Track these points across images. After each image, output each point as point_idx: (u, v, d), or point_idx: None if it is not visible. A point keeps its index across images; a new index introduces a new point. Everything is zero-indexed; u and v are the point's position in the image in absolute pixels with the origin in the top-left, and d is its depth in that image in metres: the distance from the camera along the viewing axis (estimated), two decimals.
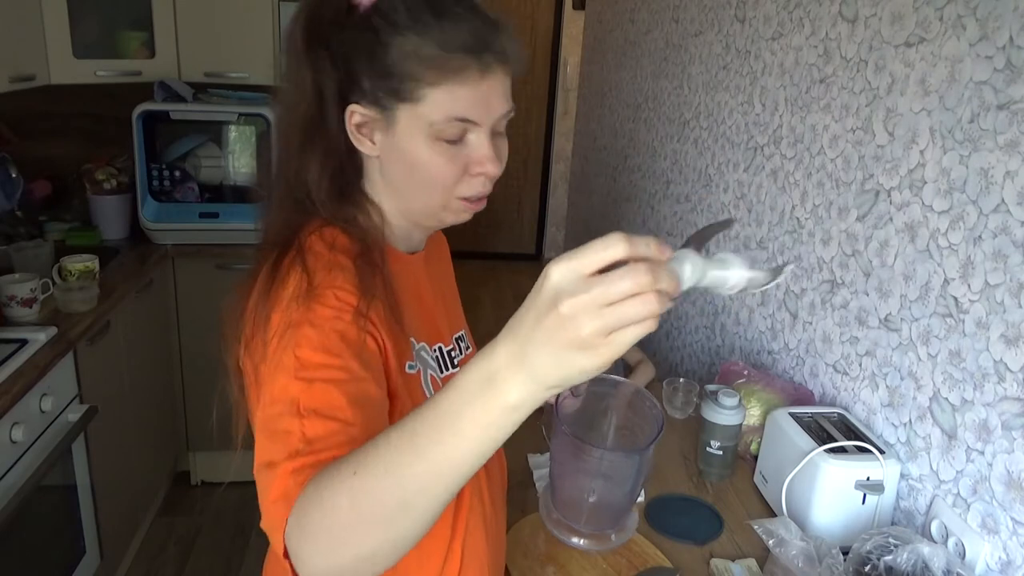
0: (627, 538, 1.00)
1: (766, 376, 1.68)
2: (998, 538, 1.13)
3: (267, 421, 0.67)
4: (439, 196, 0.81)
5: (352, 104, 0.77)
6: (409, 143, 0.77)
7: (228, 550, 2.52)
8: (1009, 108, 1.12)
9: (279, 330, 0.71)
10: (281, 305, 0.73)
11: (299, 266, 0.74)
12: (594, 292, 0.46)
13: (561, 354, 0.47)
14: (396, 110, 0.76)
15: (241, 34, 2.64)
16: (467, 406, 0.51)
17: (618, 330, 0.46)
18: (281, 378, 0.68)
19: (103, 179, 2.58)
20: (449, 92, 0.75)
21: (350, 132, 0.79)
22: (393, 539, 0.56)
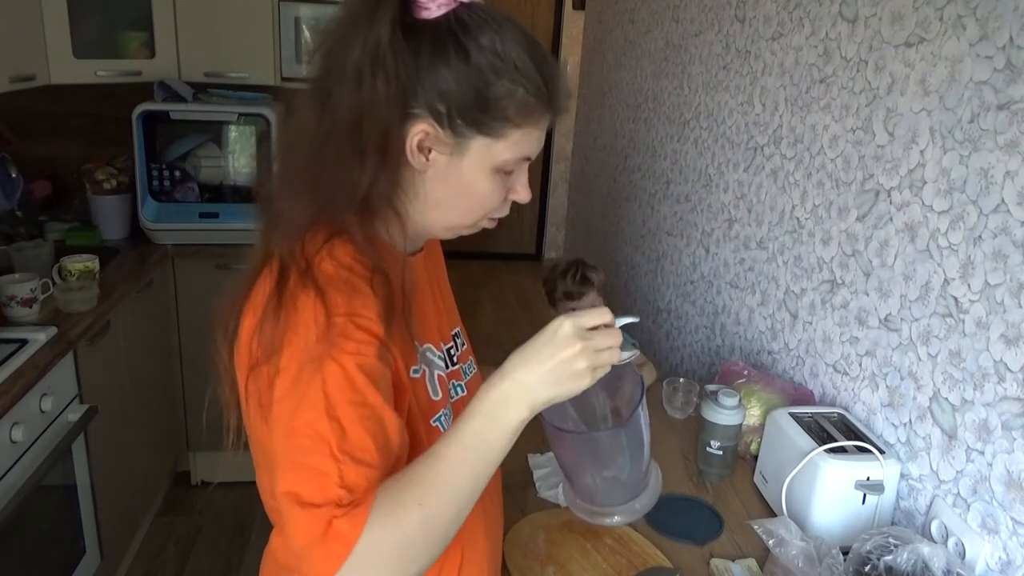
0: (653, 502, 1.01)
1: (766, 376, 1.67)
2: (998, 538, 1.13)
3: (293, 452, 0.70)
4: (477, 216, 0.84)
5: (421, 123, 0.76)
6: (472, 171, 0.79)
7: (228, 550, 2.51)
8: (1009, 108, 1.12)
9: (298, 361, 0.71)
10: (297, 333, 0.72)
11: (311, 290, 0.73)
12: (592, 341, 0.74)
13: (560, 381, 0.73)
14: (472, 140, 0.78)
15: (241, 34, 2.64)
16: (492, 428, 0.72)
17: (597, 367, 0.75)
18: (307, 413, 0.69)
19: (103, 179, 2.58)
20: (526, 135, 0.79)
21: (409, 147, 0.77)
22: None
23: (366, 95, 0.73)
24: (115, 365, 2.20)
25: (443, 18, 0.75)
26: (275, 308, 0.73)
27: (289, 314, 0.72)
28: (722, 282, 2.19)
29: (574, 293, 2.01)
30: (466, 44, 0.75)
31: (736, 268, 2.10)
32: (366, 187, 0.76)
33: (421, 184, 0.80)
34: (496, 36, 0.76)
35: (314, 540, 0.66)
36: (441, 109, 0.76)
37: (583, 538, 1.30)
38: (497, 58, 0.75)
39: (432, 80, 0.74)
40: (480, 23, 0.76)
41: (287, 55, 2.70)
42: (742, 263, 2.06)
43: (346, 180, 0.76)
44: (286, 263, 0.75)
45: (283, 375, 0.71)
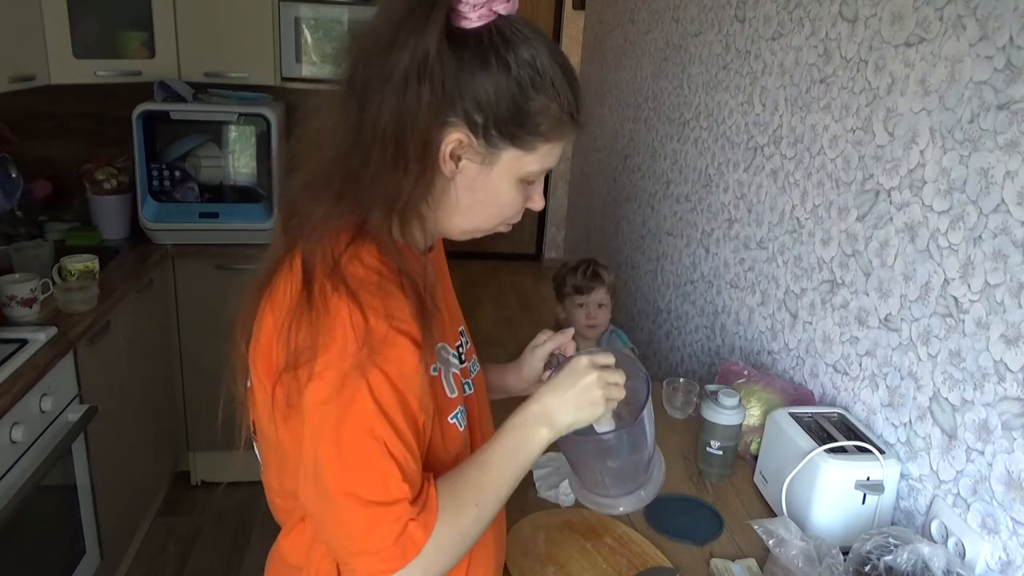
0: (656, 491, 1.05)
1: (766, 376, 1.67)
2: (998, 538, 1.13)
3: (346, 456, 0.74)
4: (496, 222, 0.87)
5: (456, 132, 0.77)
6: (499, 181, 0.82)
7: (228, 550, 2.51)
8: (1009, 108, 1.12)
9: (339, 368, 0.72)
10: (334, 339, 0.73)
11: (344, 293, 0.73)
12: (605, 374, 0.87)
13: (580, 406, 0.86)
14: (503, 151, 0.80)
15: (241, 34, 2.64)
16: (525, 444, 0.85)
17: (610, 397, 0.87)
18: (356, 418, 0.73)
19: (103, 179, 2.58)
20: (553, 148, 0.83)
21: (442, 154, 0.78)
22: None
23: (411, 102, 0.74)
24: (115, 365, 2.20)
25: (484, 29, 0.76)
26: (305, 311, 0.74)
27: (322, 317, 0.73)
28: (722, 282, 2.19)
29: (583, 288, 2.02)
30: (507, 57, 0.76)
31: (736, 268, 2.10)
32: (408, 193, 0.77)
33: (446, 190, 0.81)
34: (535, 51, 0.78)
35: (385, 539, 0.73)
36: (478, 119, 0.77)
37: (583, 538, 1.30)
38: (536, 73, 0.77)
39: (472, 90, 0.76)
40: (520, 37, 0.77)
41: (287, 55, 2.70)
42: (742, 263, 2.06)
43: (385, 185, 0.76)
44: (310, 263, 0.76)
45: (320, 381, 0.73)
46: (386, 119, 0.74)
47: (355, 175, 0.77)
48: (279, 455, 0.85)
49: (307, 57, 2.73)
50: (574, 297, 2.05)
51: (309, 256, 0.77)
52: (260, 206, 2.68)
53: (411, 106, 0.74)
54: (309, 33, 2.71)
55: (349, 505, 0.74)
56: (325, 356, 0.73)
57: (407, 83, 0.73)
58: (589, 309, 2.03)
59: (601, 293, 2.03)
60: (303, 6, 2.67)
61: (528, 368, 1.07)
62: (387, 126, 0.74)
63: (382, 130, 0.75)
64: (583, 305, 2.04)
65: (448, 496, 0.79)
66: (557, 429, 0.86)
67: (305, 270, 0.76)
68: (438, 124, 0.76)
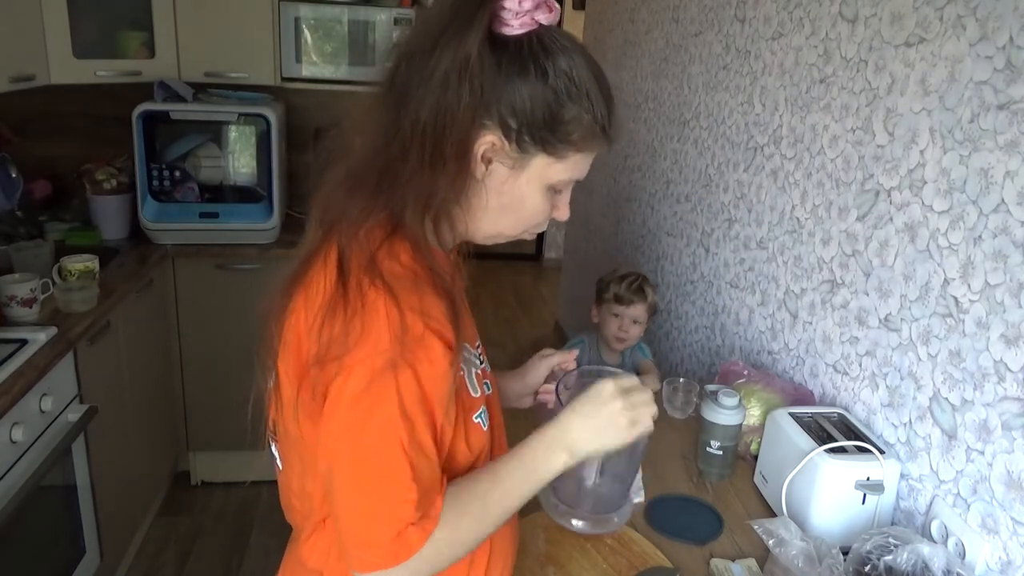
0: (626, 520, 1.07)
1: (766, 376, 1.67)
2: (998, 538, 1.13)
3: (368, 453, 0.75)
4: (521, 228, 0.88)
5: (489, 134, 0.79)
6: (528, 186, 0.83)
7: (228, 550, 2.51)
8: (1009, 108, 1.12)
9: (373, 363, 0.73)
10: (370, 333, 0.73)
11: (381, 288, 0.75)
12: (632, 398, 0.87)
13: (602, 434, 0.86)
14: (534, 157, 0.81)
15: (241, 34, 2.64)
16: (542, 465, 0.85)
17: (637, 422, 0.86)
18: (380, 418, 0.74)
19: (103, 179, 2.58)
20: (583, 158, 0.84)
21: (474, 155, 0.79)
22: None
23: (450, 101, 0.75)
24: (115, 365, 2.20)
25: (524, 36, 0.77)
26: (341, 305, 0.75)
27: (358, 312, 0.74)
28: (722, 282, 2.19)
29: (624, 299, 2.00)
30: (545, 65, 0.77)
31: (736, 268, 2.10)
32: (442, 190, 0.78)
33: (476, 192, 0.82)
34: (572, 62, 0.79)
35: (383, 536, 0.75)
36: (512, 124, 0.78)
37: (583, 538, 1.30)
38: (572, 83, 0.79)
39: (508, 95, 0.77)
40: (559, 47, 0.79)
41: (287, 55, 2.70)
42: (742, 263, 2.06)
43: (421, 182, 0.78)
44: (346, 258, 0.77)
45: (351, 375, 0.74)
46: (426, 117, 0.76)
47: (393, 172, 0.78)
48: (301, 454, 0.86)
49: (307, 57, 2.73)
50: (612, 305, 2.03)
51: (345, 251, 0.78)
52: (260, 206, 2.68)
53: (451, 105, 0.75)
54: (309, 33, 2.71)
55: (357, 498, 0.76)
56: (358, 351, 0.73)
57: (448, 83, 0.75)
58: (623, 321, 2.01)
59: (639, 309, 2.01)
60: (303, 6, 2.67)
61: (533, 375, 1.10)
62: (427, 124, 0.76)
63: (421, 127, 0.76)
64: (618, 316, 2.02)
65: (453, 505, 0.80)
66: (577, 455, 0.85)
67: (341, 265, 0.77)
68: (474, 125, 0.77)
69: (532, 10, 0.77)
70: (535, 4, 0.77)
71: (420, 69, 0.76)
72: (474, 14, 0.75)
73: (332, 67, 2.76)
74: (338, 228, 0.81)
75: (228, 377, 2.67)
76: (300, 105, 3.00)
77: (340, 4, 2.72)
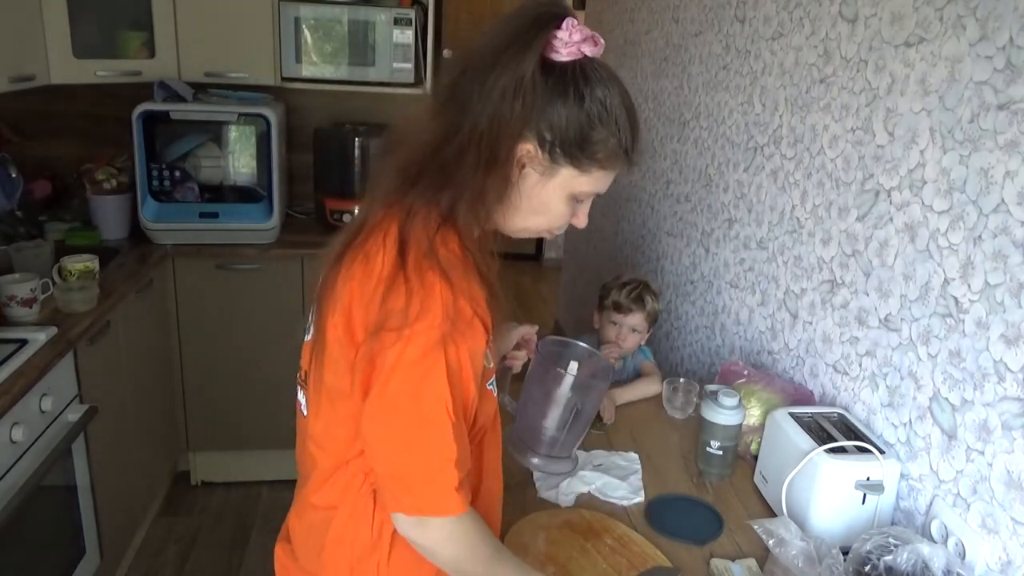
0: (569, 468, 1.30)
1: (766, 376, 1.68)
2: (998, 538, 1.13)
3: (423, 413, 0.87)
4: (544, 228, 1.00)
5: (527, 143, 0.90)
6: (553, 194, 0.95)
7: (228, 550, 2.52)
8: (1009, 108, 1.12)
9: (428, 337, 0.85)
10: (429, 310, 0.85)
11: (438, 270, 0.86)
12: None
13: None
14: (563, 168, 0.93)
15: (241, 34, 2.64)
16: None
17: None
18: (432, 383, 0.86)
19: (103, 179, 2.58)
20: (605, 176, 0.96)
21: (513, 160, 0.91)
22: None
23: (505, 111, 0.87)
24: (115, 365, 2.20)
25: (569, 64, 0.89)
26: (401, 282, 0.86)
27: (416, 289, 0.86)
28: (722, 282, 2.19)
29: (623, 307, 1.99)
30: (583, 91, 0.90)
31: (736, 268, 2.10)
32: (490, 189, 0.90)
33: (511, 196, 0.93)
34: (608, 92, 0.91)
35: (437, 486, 0.88)
36: (547, 137, 0.90)
37: (583, 538, 1.30)
38: (604, 110, 0.91)
39: (548, 112, 0.89)
40: (598, 77, 0.91)
41: (287, 55, 2.70)
42: (742, 263, 2.06)
43: (475, 179, 0.89)
44: (406, 240, 0.88)
45: (409, 344, 0.85)
46: (483, 124, 0.88)
47: (451, 169, 0.89)
48: (334, 402, 0.96)
49: (307, 57, 2.73)
50: (611, 313, 2.02)
51: (405, 233, 0.89)
52: (260, 206, 2.68)
53: (505, 115, 0.87)
54: (309, 33, 2.71)
55: (407, 448, 0.88)
56: (417, 324, 0.85)
57: (504, 96, 0.87)
58: (621, 330, 2.00)
59: (638, 318, 1.98)
60: (303, 6, 2.67)
61: (503, 342, 1.22)
62: (484, 130, 0.88)
63: (479, 133, 0.88)
64: (617, 324, 2.01)
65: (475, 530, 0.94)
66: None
67: (401, 246, 0.88)
68: (516, 135, 0.89)
69: (580, 42, 0.89)
70: (583, 37, 0.89)
71: (481, 82, 0.88)
72: (532, 40, 0.87)
73: (332, 67, 2.76)
74: (397, 212, 0.91)
75: (228, 377, 2.69)
76: (300, 105, 3.01)
77: (340, 4, 2.71)
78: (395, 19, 2.72)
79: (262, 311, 2.63)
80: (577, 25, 0.89)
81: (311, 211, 2.99)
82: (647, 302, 1.99)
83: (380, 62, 2.76)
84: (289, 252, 2.64)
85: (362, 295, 0.90)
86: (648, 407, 1.81)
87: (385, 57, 2.76)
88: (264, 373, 2.60)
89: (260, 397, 2.67)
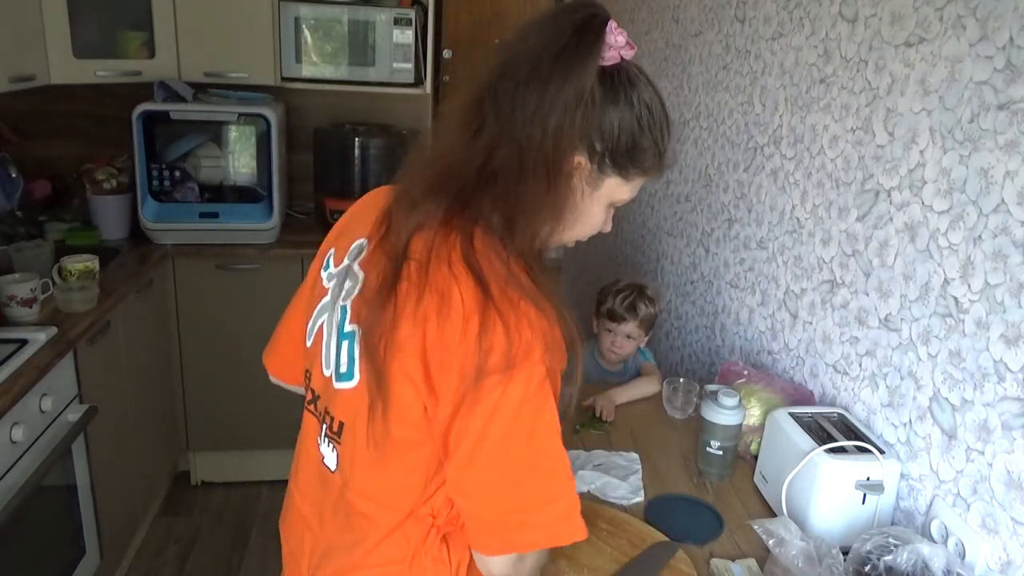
0: None
1: (766, 376, 1.68)
2: (998, 538, 1.13)
3: (544, 449, 0.83)
4: (576, 237, 0.95)
5: (577, 154, 0.85)
6: (596, 202, 0.91)
7: (228, 550, 2.52)
8: (1009, 108, 1.12)
9: (536, 373, 0.80)
10: (533, 345, 0.80)
11: (529, 300, 0.81)
12: None
13: None
14: (608, 177, 0.89)
15: (241, 34, 2.64)
16: None
17: None
18: (546, 419, 0.83)
19: (103, 179, 2.58)
20: (643, 182, 0.93)
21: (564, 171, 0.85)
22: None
23: (566, 124, 0.81)
24: (115, 365, 2.20)
25: (613, 68, 0.84)
26: (493, 316, 0.79)
27: (513, 324, 0.79)
28: (722, 282, 2.19)
29: (617, 315, 1.98)
30: (631, 96, 0.85)
31: (736, 268, 2.10)
32: (550, 204, 0.84)
33: (564, 206, 0.87)
34: (651, 94, 0.88)
35: (570, 507, 0.85)
36: (598, 147, 0.86)
37: None
38: (651, 114, 0.87)
39: (600, 121, 0.84)
40: (641, 80, 0.87)
41: (287, 55, 2.70)
42: (742, 263, 2.06)
43: (536, 194, 0.83)
44: (479, 267, 0.81)
45: (518, 384, 0.79)
46: (542, 137, 0.81)
47: (503, 184, 0.83)
48: (403, 454, 0.87)
49: (307, 57, 2.73)
50: (606, 321, 2.02)
51: (474, 261, 0.82)
52: (260, 206, 2.68)
53: (565, 127, 0.81)
54: (309, 33, 2.71)
55: (534, 488, 0.84)
56: (524, 361, 0.79)
57: (567, 108, 0.81)
58: (616, 337, 2.00)
59: (631, 326, 1.97)
60: (303, 6, 2.67)
61: None
62: (543, 143, 0.81)
63: (537, 146, 0.81)
64: (611, 331, 2.01)
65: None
66: None
67: (477, 275, 0.81)
68: (575, 146, 0.84)
69: (622, 47, 0.84)
70: (625, 41, 0.84)
71: (538, 92, 0.81)
72: (591, 46, 0.82)
73: (332, 67, 2.76)
74: (454, 236, 0.83)
75: (228, 377, 2.68)
76: (300, 105, 3.01)
77: (340, 4, 2.71)
78: (395, 19, 2.72)
79: (262, 311, 2.61)
80: (619, 28, 0.84)
81: (311, 211, 2.99)
82: (640, 309, 1.98)
83: (380, 62, 2.76)
84: (289, 252, 2.64)
85: (441, 335, 0.80)
86: (648, 407, 1.81)
87: (385, 57, 2.76)
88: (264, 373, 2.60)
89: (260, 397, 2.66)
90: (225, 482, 2.85)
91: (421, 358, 0.81)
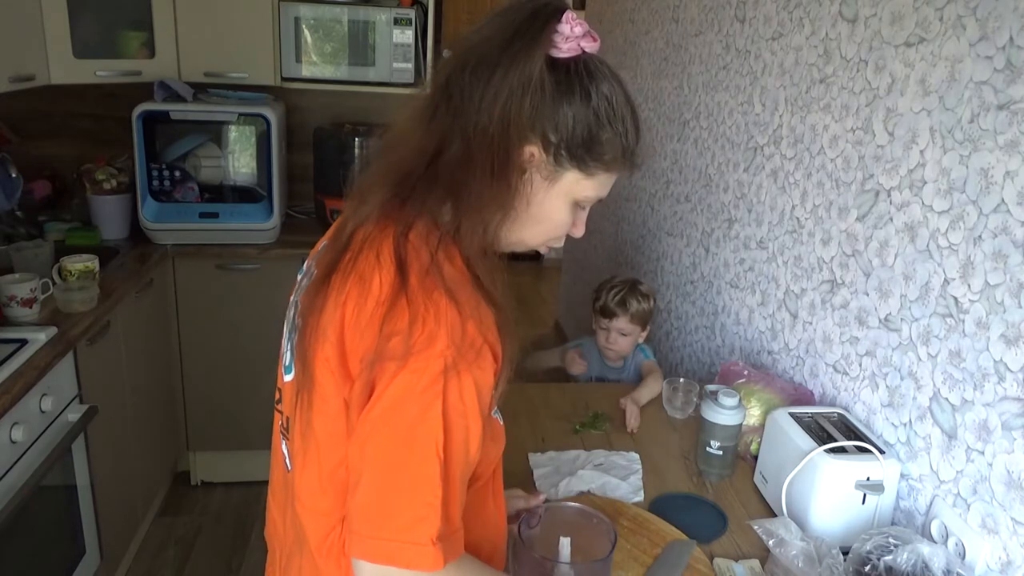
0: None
1: (766, 376, 1.67)
2: (998, 538, 1.13)
3: (414, 454, 0.75)
4: (543, 239, 0.92)
5: (531, 146, 0.83)
6: (556, 199, 0.87)
7: (228, 550, 2.52)
8: (1009, 108, 1.12)
9: (431, 369, 0.75)
10: (434, 338, 0.75)
11: (444, 293, 0.77)
12: None
13: None
14: (567, 171, 0.86)
15: (241, 34, 2.64)
16: None
17: None
18: (430, 422, 0.75)
19: (103, 179, 2.58)
20: (609, 179, 0.89)
21: (515, 164, 0.83)
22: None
23: (513, 112, 0.80)
24: (115, 365, 2.20)
25: (571, 60, 0.83)
26: (403, 303, 0.76)
27: (420, 312, 0.76)
28: (722, 282, 2.19)
29: (608, 312, 1.98)
30: (589, 88, 0.83)
31: (736, 268, 2.10)
32: (497, 196, 0.81)
33: (513, 200, 0.85)
34: (613, 88, 0.85)
35: (421, 534, 0.75)
36: (552, 139, 0.83)
37: None
38: (611, 108, 0.85)
39: (554, 112, 0.82)
40: (601, 73, 0.85)
41: (287, 55, 2.70)
42: (742, 263, 2.06)
43: (482, 187, 0.81)
44: (404, 256, 0.79)
45: (412, 373, 0.75)
46: (488, 126, 0.80)
47: (450, 176, 0.81)
48: (324, 452, 0.84)
49: (307, 57, 2.73)
50: (599, 318, 2.01)
51: (403, 249, 0.80)
52: (260, 206, 2.68)
53: (512, 116, 0.80)
54: (309, 33, 2.71)
55: (396, 493, 0.75)
56: (421, 352, 0.75)
57: (512, 95, 0.79)
58: (610, 334, 1.99)
59: (623, 322, 1.96)
60: (303, 6, 2.67)
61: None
62: (492, 132, 0.80)
63: (489, 136, 0.80)
64: (605, 328, 2.00)
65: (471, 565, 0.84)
66: None
67: (400, 263, 0.79)
68: (517, 136, 0.81)
69: (580, 37, 0.83)
70: (583, 32, 0.83)
71: (484, 81, 0.80)
72: (538, 35, 0.81)
73: (332, 67, 2.76)
74: (392, 226, 0.82)
75: (228, 377, 2.68)
76: (300, 105, 3.01)
77: (340, 4, 2.71)
78: (395, 19, 2.72)
79: (262, 311, 2.62)
80: (577, 19, 0.83)
81: (311, 211, 2.99)
82: (631, 305, 1.97)
83: (380, 62, 2.76)
84: (289, 252, 2.64)
85: (357, 321, 0.79)
86: (648, 407, 1.81)
87: (385, 57, 2.76)
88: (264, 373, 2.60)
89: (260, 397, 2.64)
90: (225, 482, 2.85)
91: (338, 344, 0.81)
